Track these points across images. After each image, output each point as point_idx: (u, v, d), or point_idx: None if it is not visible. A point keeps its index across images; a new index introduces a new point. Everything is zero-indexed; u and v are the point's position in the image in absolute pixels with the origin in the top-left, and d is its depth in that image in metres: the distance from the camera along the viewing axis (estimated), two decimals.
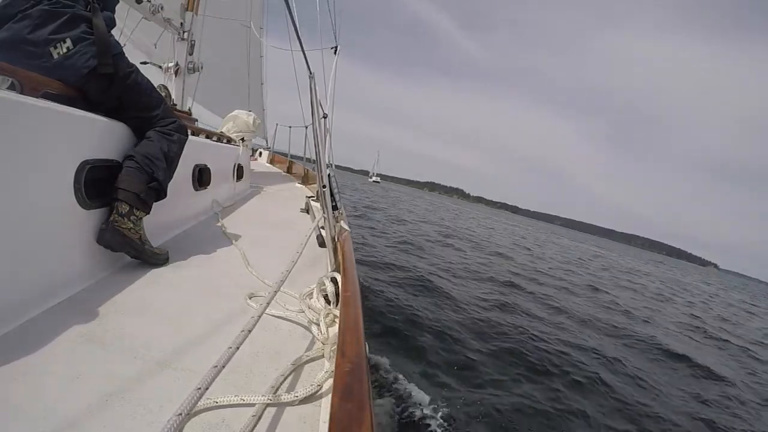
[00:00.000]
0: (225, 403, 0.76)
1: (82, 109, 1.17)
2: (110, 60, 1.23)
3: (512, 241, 18.21)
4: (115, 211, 1.21)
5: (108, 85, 1.25)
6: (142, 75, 1.42)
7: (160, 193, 1.41)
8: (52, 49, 1.13)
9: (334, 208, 1.85)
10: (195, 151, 2.07)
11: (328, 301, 1.19)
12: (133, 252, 1.27)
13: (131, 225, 1.24)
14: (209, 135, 2.72)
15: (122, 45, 1.50)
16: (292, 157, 6.40)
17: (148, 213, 1.34)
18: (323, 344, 1.00)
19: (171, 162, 1.47)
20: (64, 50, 1.13)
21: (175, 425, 0.50)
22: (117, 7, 1.50)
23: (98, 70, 1.18)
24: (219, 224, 2.07)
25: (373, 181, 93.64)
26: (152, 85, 1.51)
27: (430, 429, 2.46)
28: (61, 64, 1.13)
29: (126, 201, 1.23)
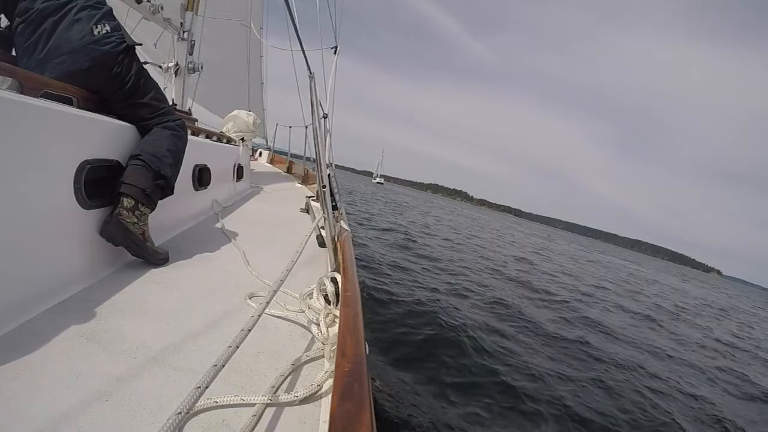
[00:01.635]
0: (225, 403, 0.76)
1: (86, 108, 1.17)
2: (136, 43, 1.40)
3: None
4: (119, 205, 1.22)
5: (130, 67, 1.36)
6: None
7: (166, 190, 1.43)
8: (94, 27, 1.28)
9: (334, 208, 1.85)
10: (195, 151, 2.07)
11: (328, 301, 1.19)
12: (134, 247, 1.27)
13: (135, 219, 1.25)
14: (209, 135, 2.72)
15: None
16: (292, 156, 6.40)
17: (153, 210, 1.35)
18: (323, 344, 1.00)
19: (178, 159, 1.51)
20: (104, 32, 1.30)
21: (174, 424, 0.50)
22: (117, 7, 1.57)
23: (128, 42, 1.35)
24: (219, 224, 2.07)
25: (377, 182, 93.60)
26: (157, 83, 1.55)
27: (429, 429, 2.46)
28: (100, 40, 1.28)
29: (132, 196, 1.24)
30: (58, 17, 1.23)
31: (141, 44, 1.45)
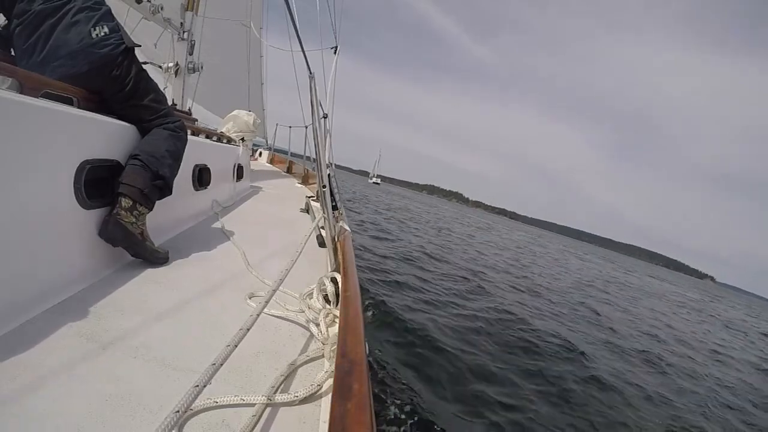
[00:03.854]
0: (225, 403, 0.76)
1: (86, 108, 1.17)
2: (135, 44, 1.38)
3: None
4: (118, 205, 1.22)
5: (129, 69, 1.35)
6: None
7: (165, 190, 1.42)
8: (92, 29, 1.26)
9: (334, 208, 1.85)
10: (195, 151, 2.07)
11: (328, 301, 1.19)
12: (133, 247, 1.27)
13: (133, 219, 1.25)
14: (209, 135, 2.72)
15: None
16: (292, 156, 6.41)
17: (151, 210, 1.35)
18: (323, 344, 1.00)
19: (177, 159, 1.50)
20: (102, 34, 1.28)
21: (172, 422, 0.50)
22: (117, 7, 1.56)
23: (127, 44, 1.34)
24: (219, 224, 2.07)
25: (373, 182, 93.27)
26: (157, 84, 1.54)
27: (429, 428, 2.46)
28: (98, 43, 1.27)
29: (129, 196, 1.24)
30: (55, 19, 1.22)
31: (140, 45, 1.43)
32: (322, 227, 1.81)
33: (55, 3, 1.23)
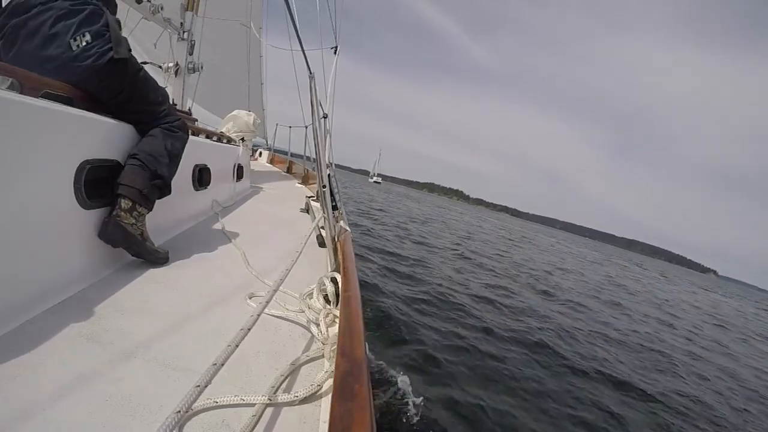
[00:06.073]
0: (225, 403, 0.76)
1: (84, 108, 1.17)
2: (126, 50, 1.27)
3: None
4: (117, 206, 1.22)
5: (121, 78, 1.28)
6: (149, 74, 1.45)
7: (164, 190, 1.42)
8: (72, 41, 1.16)
9: (334, 208, 1.85)
10: (195, 151, 2.07)
11: (328, 301, 1.19)
12: (133, 248, 1.27)
13: (133, 220, 1.25)
14: (209, 135, 2.72)
15: None
16: (292, 156, 6.41)
17: (151, 210, 1.35)
18: (323, 344, 1.00)
19: (175, 158, 1.49)
20: (84, 43, 1.17)
21: (173, 422, 0.50)
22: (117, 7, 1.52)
23: (115, 56, 1.22)
24: (219, 224, 2.07)
25: (374, 181, 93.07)
26: (157, 83, 1.52)
27: (430, 428, 2.46)
28: (79, 56, 1.17)
29: (129, 196, 1.24)
30: (32, 32, 1.14)
31: (130, 52, 1.30)
32: (322, 227, 1.81)
33: (29, 13, 1.15)
